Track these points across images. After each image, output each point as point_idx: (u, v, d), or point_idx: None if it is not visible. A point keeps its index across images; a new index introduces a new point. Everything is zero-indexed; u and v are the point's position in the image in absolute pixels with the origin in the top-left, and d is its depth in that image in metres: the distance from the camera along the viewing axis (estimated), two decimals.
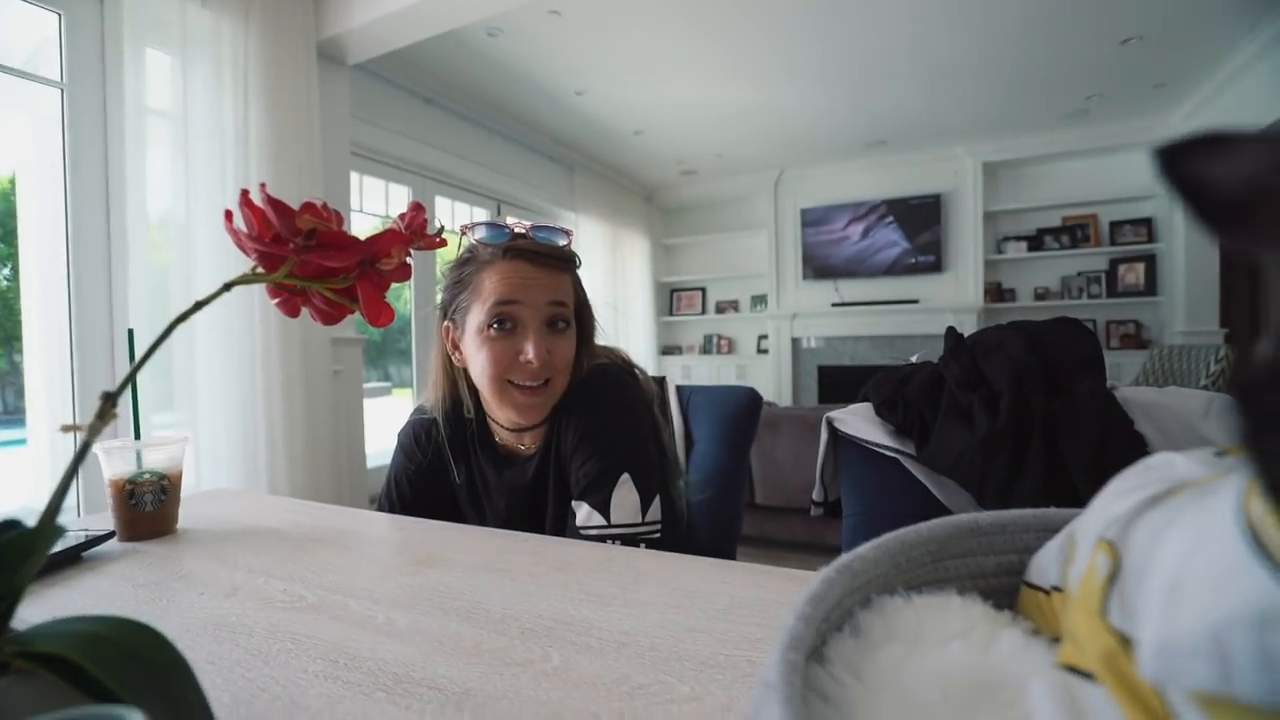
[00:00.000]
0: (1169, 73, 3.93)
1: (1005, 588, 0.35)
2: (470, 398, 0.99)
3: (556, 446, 0.95)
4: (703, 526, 1.17)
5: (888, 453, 0.82)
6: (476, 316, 0.90)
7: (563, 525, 0.92)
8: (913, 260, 5.57)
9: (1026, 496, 0.71)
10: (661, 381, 1.32)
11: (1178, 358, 4.02)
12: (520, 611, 0.61)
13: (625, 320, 5.84)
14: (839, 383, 5.80)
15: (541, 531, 0.96)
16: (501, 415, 0.96)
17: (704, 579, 0.68)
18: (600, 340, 1.04)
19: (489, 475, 1.00)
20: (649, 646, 0.53)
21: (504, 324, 0.89)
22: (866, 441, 0.85)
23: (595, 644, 0.54)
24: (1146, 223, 5.01)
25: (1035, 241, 5.32)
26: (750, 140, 5.10)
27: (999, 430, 0.68)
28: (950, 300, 5.41)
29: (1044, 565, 0.31)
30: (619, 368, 1.00)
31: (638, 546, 0.85)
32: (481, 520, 1.00)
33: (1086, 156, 5.14)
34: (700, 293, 6.70)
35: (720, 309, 6.58)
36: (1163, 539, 0.19)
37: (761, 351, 6.28)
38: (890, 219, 5.65)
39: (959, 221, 5.44)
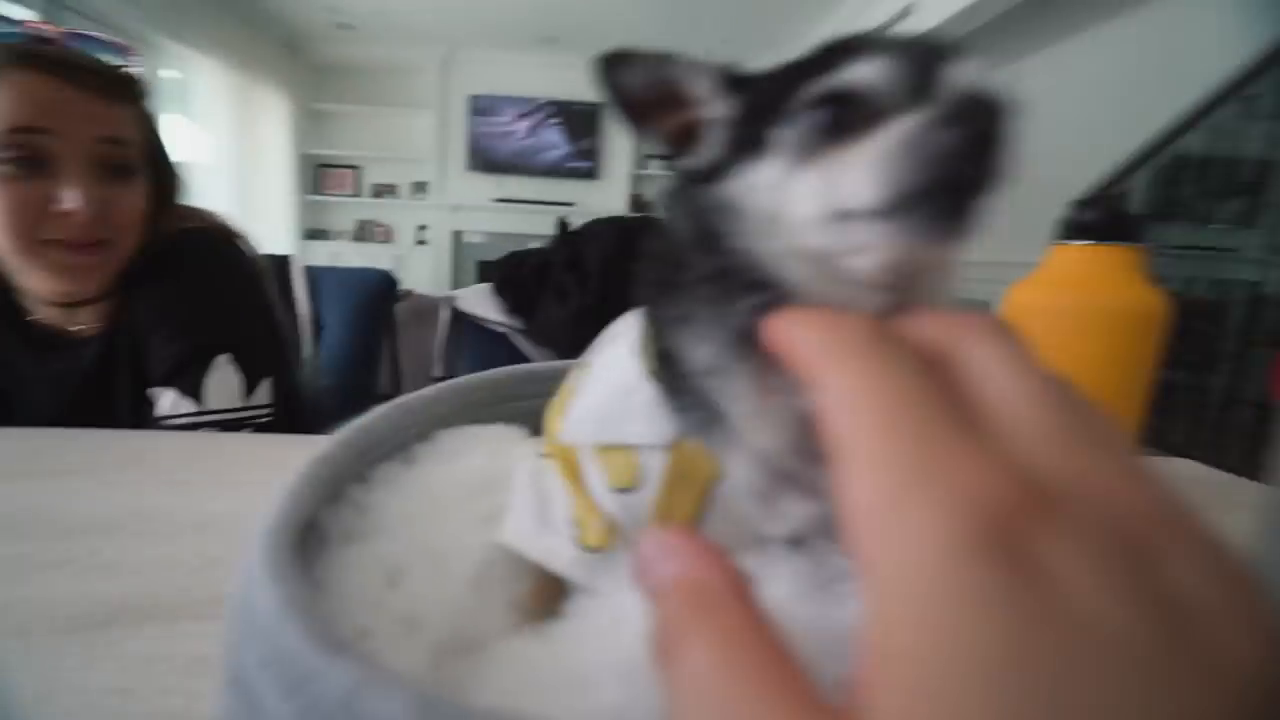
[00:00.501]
0: None
1: None
2: None
3: (131, 328, 0.78)
4: (334, 413, 1.12)
5: (500, 329, 0.89)
6: None
7: (140, 424, 0.78)
8: (572, 164, 5.86)
9: None
10: (285, 260, 1.17)
11: None
12: (64, 514, 0.51)
13: (256, 193, 4.88)
14: None
15: None
16: (37, 283, 0.74)
17: None
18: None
19: (21, 364, 0.78)
20: (236, 525, 0.50)
21: (24, 161, 0.67)
22: (482, 319, 0.91)
23: (167, 530, 0.50)
24: None
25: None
26: (416, 2, 4.56)
27: (586, 305, 0.80)
28: (601, 206, 5.90)
29: None
30: (215, 235, 0.85)
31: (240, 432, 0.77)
32: (8, 423, 0.78)
33: None
34: (353, 172, 5.96)
35: (377, 193, 5.99)
36: (598, 355, 0.27)
37: (421, 243, 5.98)
38: (556, 120, 5.78)
39: (616, 133, 5.86)
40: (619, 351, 0.25)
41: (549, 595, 0.24)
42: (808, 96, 0.20)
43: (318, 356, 1.19)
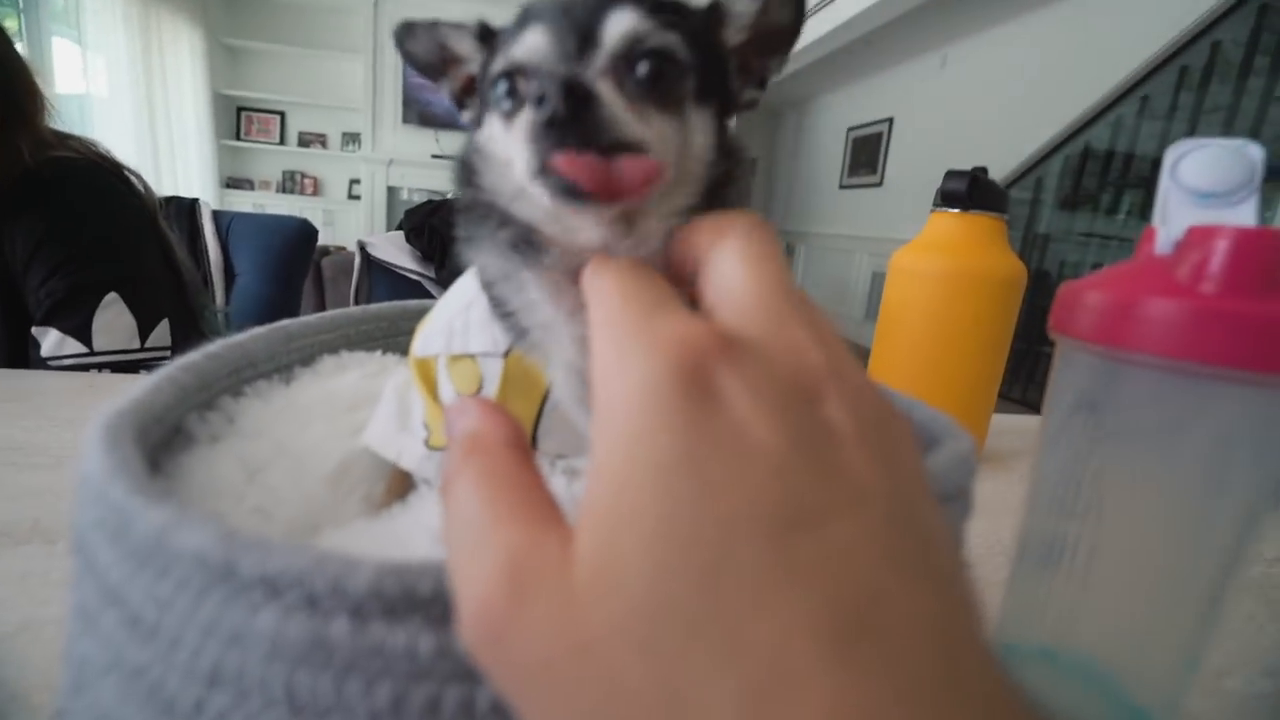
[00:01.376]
0: None
1: None
2: None
3: (4, 260, 0.73)
4: None
5: (413, 275, 0.89)
6: None
7: (17, 360, 0.74)
8: None
9: None
10: (193, 204, 1.12)
11: None
12: None
13: (165, 133, 4.53)
14: None
15: None
16: None
17: None
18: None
19: None
20: None
21: None
22: (394, 265, 0.91)
23: (47, 462, 0.49)
24: None
25: None
26: None
27: None
28: None
29: None
30: (91, 164, 0.80)
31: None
32: None
33: None
34: (278, 118, 5.61)
35: (304, 142, 5.67)
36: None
37: (353, 197, 5.72)
38: None
39: None
40: (464, 278, 0.28)
41: (400, 493, 0.26)
42: (495, 68, 0.22)
43: (229, 304, 1.15)
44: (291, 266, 1.15)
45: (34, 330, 0.72)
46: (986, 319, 0.63)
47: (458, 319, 0.26)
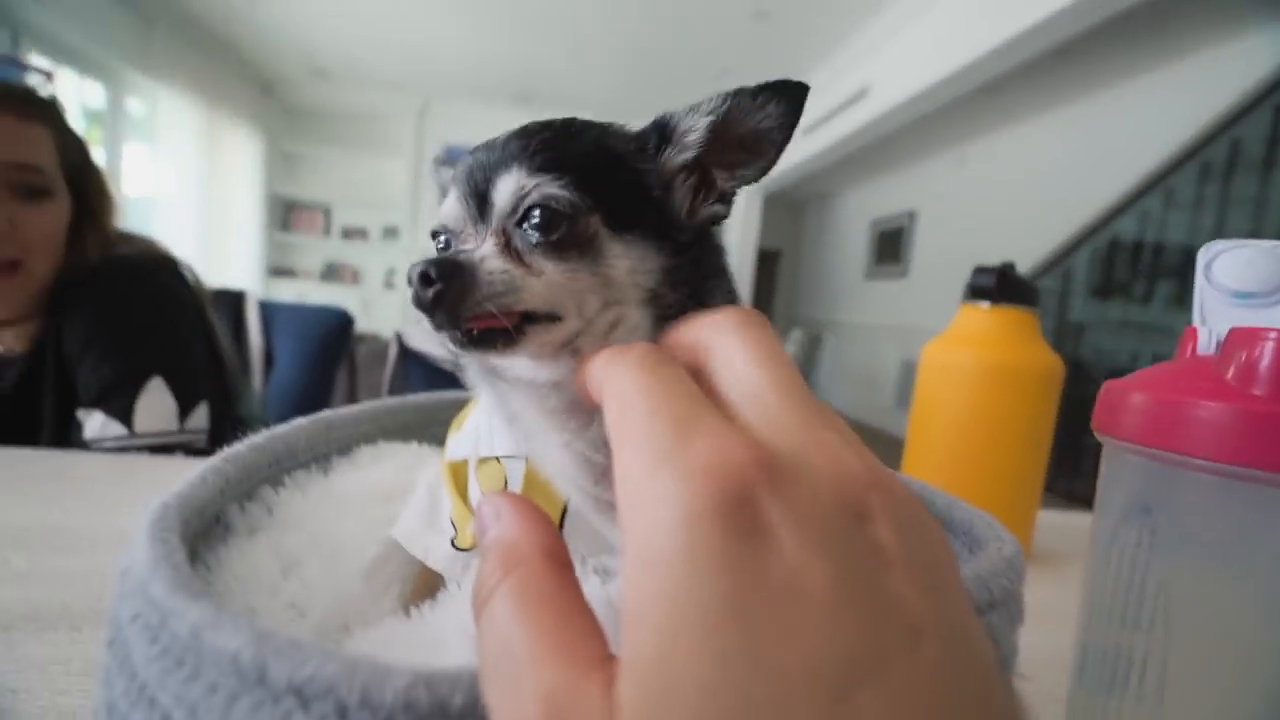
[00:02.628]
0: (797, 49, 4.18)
1: None
2: None
3: (56, 348, 0.77)
4: None
5: (447, 365, 0.91)
6: None
7: (64, 442, 0.77)
8: None
9: None
10: (240, 295, 1.18)
11: None
12: None
13: (221, 228, 4.85)
14: None
15: None
16: None
17: None
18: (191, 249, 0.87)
19: None
20: None
21: None
22: (429, 356, 0.93)
23: (83, 544, 0.49)
24: None
25: None
26: (394, 53, 4.71)
27: None
28: None
29: None
30: (148, 260, 0.86)
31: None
32: None
33: None
34: (323, 213, 5.98)
35: (346, 234, 6.00)
36: None
37: (389, 286, 5.97)
38: None
39: None
40: None
41: (428, 591, 0.26)
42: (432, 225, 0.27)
43: (267, 389, 1.19)
44: (328, 354, 1.20)
45: (79, 413, 0.75)
46: (1025, 413, 0.62)
47: (484, 423, 0.26)
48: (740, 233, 5.57)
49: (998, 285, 0.61)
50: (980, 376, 0.62)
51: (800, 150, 4.76)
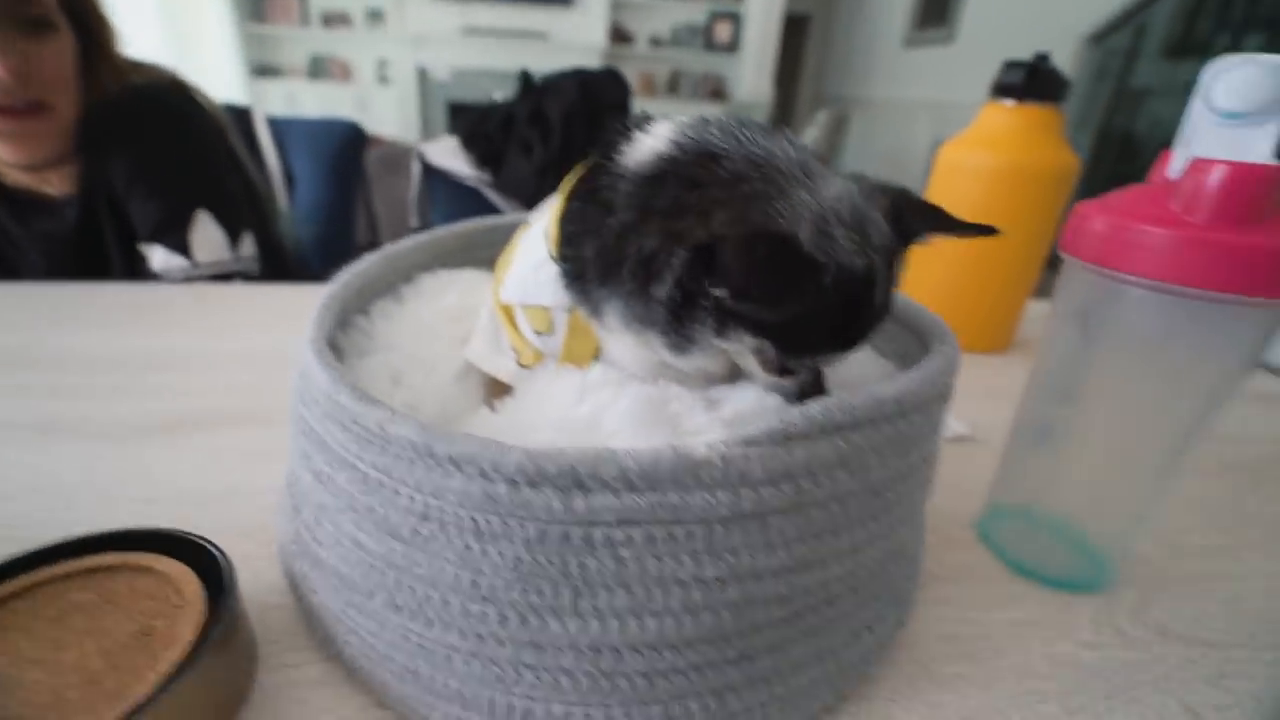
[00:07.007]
0: None
1: None
2: None
3: (107, 189, 0.80)
4: (316, 263, 1.17)
5: (469, 182, 0.93)
6: None
7: (135, 275, 0.83)
8: None
9: None
10: (246, 112, 1.16)
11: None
12: (100, 352, 0.59)
13: (185, 21, 4.41)
14: None
15: None
16: None
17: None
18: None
19: (8, 226, 0.81)
20: (255, 361, 0.59)
21: None
22: (452, 173, 0.95)
23: (199, 365, 0.58)
24: None
25: None
26: None
27: (549, 160, 0.84)
28: (575, 37, 5.45)
29: None
30: (166, 88, 0.85)
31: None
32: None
33: None
34: None
35: (327, 21, 5.44)
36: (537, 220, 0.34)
37: (383, 81, 5.55)
38: None
39: None
40: (536, 231, 0.32)
41: (500, 391, 0.34)
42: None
43: (293, 209, 1.22)
44: (344, 168, 1.20)
45: (140, 246, 0.80)
46: (1031, 214, 0.64)
47: (530, 278, 0.31)
48: None
49: (1025, 82, 0.60)
50: (992, 178, 0.63)
51: None
